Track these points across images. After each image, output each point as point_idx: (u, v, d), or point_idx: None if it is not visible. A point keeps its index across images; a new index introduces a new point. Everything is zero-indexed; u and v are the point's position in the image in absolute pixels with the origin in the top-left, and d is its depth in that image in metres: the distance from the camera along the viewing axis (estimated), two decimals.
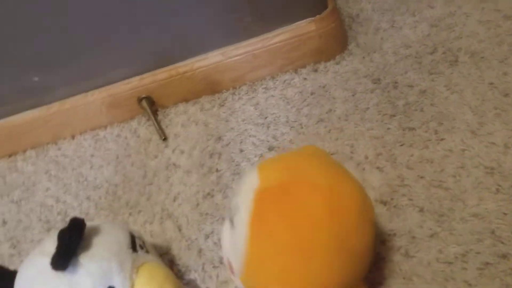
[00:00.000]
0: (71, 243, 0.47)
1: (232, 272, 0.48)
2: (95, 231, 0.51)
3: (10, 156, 0.84)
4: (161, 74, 0.77)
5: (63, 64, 0.74)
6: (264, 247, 0.43)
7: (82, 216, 0.69)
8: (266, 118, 0.73)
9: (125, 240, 0.52)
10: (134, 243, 0.53)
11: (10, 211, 0.75)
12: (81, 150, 0.80)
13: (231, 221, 0.46)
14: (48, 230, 0.70)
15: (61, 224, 0.70)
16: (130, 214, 0.69)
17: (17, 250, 0.69)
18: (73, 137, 0.83)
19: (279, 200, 0.43)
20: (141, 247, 0.54)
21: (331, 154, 0.66)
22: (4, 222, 0.74)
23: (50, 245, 0.47)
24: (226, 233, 0.48)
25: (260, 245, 0.43)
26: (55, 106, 0.80)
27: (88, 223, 0.51)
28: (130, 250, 0.51)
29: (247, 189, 0.46)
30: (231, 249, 0.47)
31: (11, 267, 0.67)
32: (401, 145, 0.64)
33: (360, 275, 0.46)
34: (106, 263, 0.48)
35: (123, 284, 0.49)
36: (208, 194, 0.68)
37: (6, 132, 0.82)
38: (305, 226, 0.42)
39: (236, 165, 0.69)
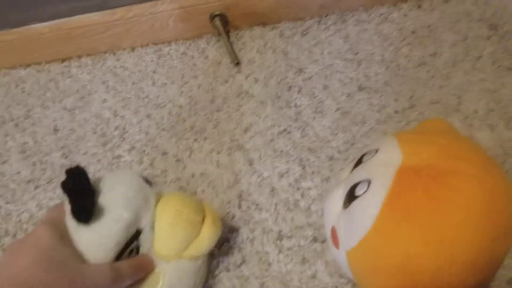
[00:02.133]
0: (82, 191, 0.40)
1: (336, 243, 0.41)
2: (107, 178, 0.45)
3: (63, 61, 0.77)
4: None
5: None
6: (398, 229, 0.36)
7: (141, 135, 0.63)
8: (357, 54, 0.65)
9: (140, 179, 0.46)
10: (150, 182, 0.47)
11: (62, 118, 0.69)
12: (142, 64, 0.73)
13: (351, 192, 0.39)
14: (104, 144, 0.64)
15: (118, 140, 0.64)
16: (195, 140, 0.62)
17: (69, 161, 0.64)
18: (133, 49, 0.76)
19: (428, 184, 0.36)
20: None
21: (433, 103, 0.58)
22: (56, 129, 0.68)
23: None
24: (336, 202, 0.41)
25: (393, 226, 0.36)
26: (119, 12, 0.72)
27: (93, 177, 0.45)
28: (148, 186, 0.46)
29: (385, 162, 0.38)
30: (344, 220, 0.40)
31: (61, 178, 0.63)
32: None
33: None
34: (132, 202, 0.43)
35: (149, 222, 0.44)
36: (285, 130, 0.60)
37: (62, 34, 0.75)
38: (456, 221, 0.34)
39: (319, 102, 0.62)
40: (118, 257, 0.42)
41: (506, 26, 0.61)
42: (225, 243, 0.53)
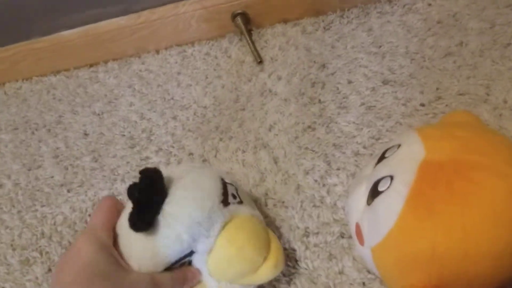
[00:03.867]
0: (149, 199, 0.39)
1: (361, 239, 0.41)
2: (179, 181, 0.42)
3: (91, 66, 0.79)
4: None
5: None
6: (422, 225, 0.35)
7: (168, 136, 0.64)
8: (380, 47, 0.64)
9: (216, 192, 0.42)
10: (226, 194, 0.43)
11: (92, 123, 0.71)
12: (166, 66, 0.74)
13: (374, 188, 0.39)
14: (132, 147, 0.66)
15: (146, 142, 0.66)
16: (220, 139, 0.63)
17: (99, 164, 0.66)
18: (157, 51, 0.77)
19: (451, 179, 0.35)
20: (234, 197, 0.45)
21: (460, 94, 0.56)
22: (86, 134, 0.70)
23: None
24: (359, 198, 0.41)
25: (417, 222, 0.35)
26: (143, 16, 0.73)
27: (170, 169, 0.44)
28: (222, 205, 0.42)
29: (408, 158, 0.38)
30: (368, 216, 0.39)
31: (92, 181, 0.65)
32: None
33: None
34: (195, 227, 0.40)
35: (205, 248, 0.42)
36: (309, 127, 0.60)
37: (90, 40, 0.76)
38: (480, 216, 0.34)
39: (343, 97, 0.61)
40: (168, 268, 0.42)
41: None
42: None
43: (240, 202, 0.45)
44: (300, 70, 0.65)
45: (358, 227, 0.41)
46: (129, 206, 0.41)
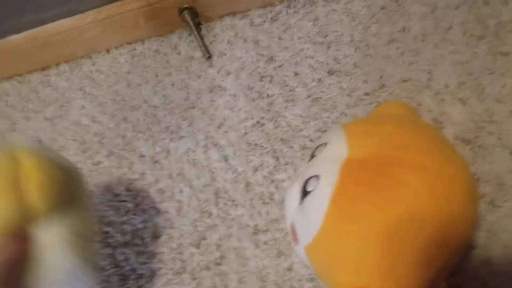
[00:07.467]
0: None
1: (296, 239, 0.41)
2: None
3: (43, 69, 0.78)
4: None
5: None
6: (346, 226, 0.36)
7: (118, 139, 0.64)
8: (326, 36, 0.63)
9: None
10: None
11: (44, 129, 0.70)
12: (116, 66, 0.73)
13: (304, 187, 0.39)
14: (84, 151, 0.65)
15: (97, 146, 0.65)
16: (171, 139, 0.62)
17: None
18: (108, 51, 0.75)
19: (372, 177, 0.35)
20: None
21: (403, 81, 0.56)
22: (39, 141, 0.69)
23: None
24: (293, 197, 0.41)
25: (342, 223, 0.36)
26: (90, 16, 0.72)
27: None
28: None
29: (332, 157, 0.38)
30: (300, 216, 0.40)
31: None
32: (491, 74, 0.54)
33: (448, 269, 0.38)
34: None
35: None
36: (258, 122, 0.60)
37: (39, 43, 0.75)
38: (401, 214, 0.34)
39: (290, 90, 0.61)
40: None
41: None
42: (202, 241, 0.54)
43: None
44: (249, 64, 0.65)
45: (292, 226, 0.42)
46: None
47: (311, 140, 0.56)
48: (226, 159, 0.59)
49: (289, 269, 0.50)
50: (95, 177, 0.62)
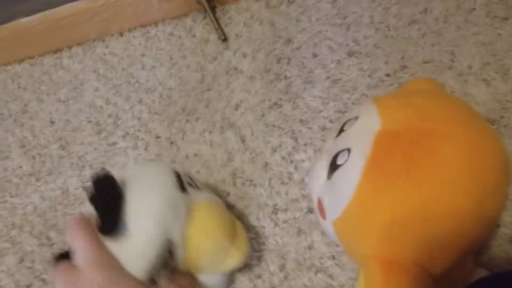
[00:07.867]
0: (107, 205, 0.39)
1: (323, 214, 0.40)
2: (134, 180, 0.42)
3: (55, 52, 0.77)
4: None
5: None
6: (380, 197, 0.35)
7: (134, 121, 0.63)
8: (345, 18, 0.62)
9: (172, 182, 0.43)
10: (181, 182, 0.44)
11: (57, 111, 0.69)
12: (130, 49, 0.72)
13: (333, 162, 0.38)
14: (99, 132, 0.65)
15: (112, 127, 0.65)
16: (187, 121, 0.62)
17: (67, 152, 0.64)
18: (121, 34, 0.75)
19: (406, 148, 0.34)
20: (190, 185, 0.45)
21: (425, 62, 0.56)
22: (52, 122, 0.68)
23: None
24: (319, 173, 0.40)
25: (375, 194, 0.35)
26: None
27: (123, 170, 0.43)
28: (179, 191, 0.42)
29: (364, 130, 0.37)
30: (328, 190, 0.39)
31: (60, 169, 0.64)
32: None
33: (482, 242, 0.38)
34: (160, 216, 0.40)
35: (181, 234, 0.41)
36: (275, 103, 0.59)
37: (50, 26, 0.74)
38: (436, 184, 0.33)
39: (309, 72, 0.60)
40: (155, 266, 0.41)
41: None
42: None
43: (197, 188, 0.45)
44: (265, 46, 0.64)
45: (319, 202, 0.41)
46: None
47: (331, 121, 0.56)
48: (243, 140, 0.58)
49: (310, 247, 0.49)
50: (110, 158, 0.62)
